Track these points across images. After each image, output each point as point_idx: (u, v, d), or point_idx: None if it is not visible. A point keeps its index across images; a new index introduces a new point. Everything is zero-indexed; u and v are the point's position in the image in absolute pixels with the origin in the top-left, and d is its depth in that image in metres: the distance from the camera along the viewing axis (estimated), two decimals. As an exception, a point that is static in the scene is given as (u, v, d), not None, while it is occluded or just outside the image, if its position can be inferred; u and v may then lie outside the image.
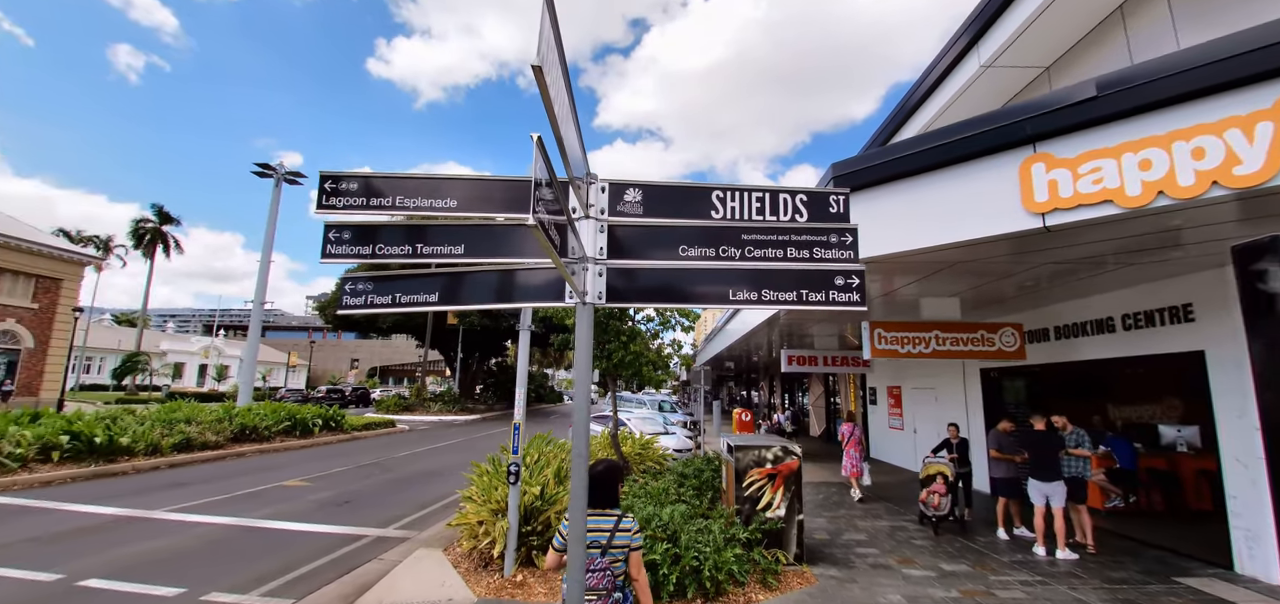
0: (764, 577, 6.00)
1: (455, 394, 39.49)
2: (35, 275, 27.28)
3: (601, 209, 2.50)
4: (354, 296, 2.64)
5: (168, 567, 6.28)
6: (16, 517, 8.07)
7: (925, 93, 11.66)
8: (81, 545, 6.90)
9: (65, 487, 10.12)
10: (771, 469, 6.83)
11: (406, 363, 70.89)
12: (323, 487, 11.02)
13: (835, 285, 2.45)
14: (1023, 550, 7.57)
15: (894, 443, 15.44)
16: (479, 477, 7.77)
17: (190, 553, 6.82)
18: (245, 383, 19.30)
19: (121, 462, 11.78)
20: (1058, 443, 7.61)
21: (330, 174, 2.42)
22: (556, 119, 1.58)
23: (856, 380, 18.85)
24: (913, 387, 14.44)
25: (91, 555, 6.52)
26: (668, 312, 11.91)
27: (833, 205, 2.52)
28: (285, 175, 20.70)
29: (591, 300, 2.41)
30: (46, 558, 6.37)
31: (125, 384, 42.13)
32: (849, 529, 8.51)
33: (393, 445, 18.23)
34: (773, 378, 33.66)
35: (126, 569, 6.12)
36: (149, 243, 46.33)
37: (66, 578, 5.83)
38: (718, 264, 2.52)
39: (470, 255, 2.52)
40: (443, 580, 5.97)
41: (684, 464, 9.50)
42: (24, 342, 26.79)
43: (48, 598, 5.39)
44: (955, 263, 7.26)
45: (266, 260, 20.58)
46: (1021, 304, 10.32)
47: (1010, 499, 8.30)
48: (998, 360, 9.58)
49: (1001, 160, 5.64)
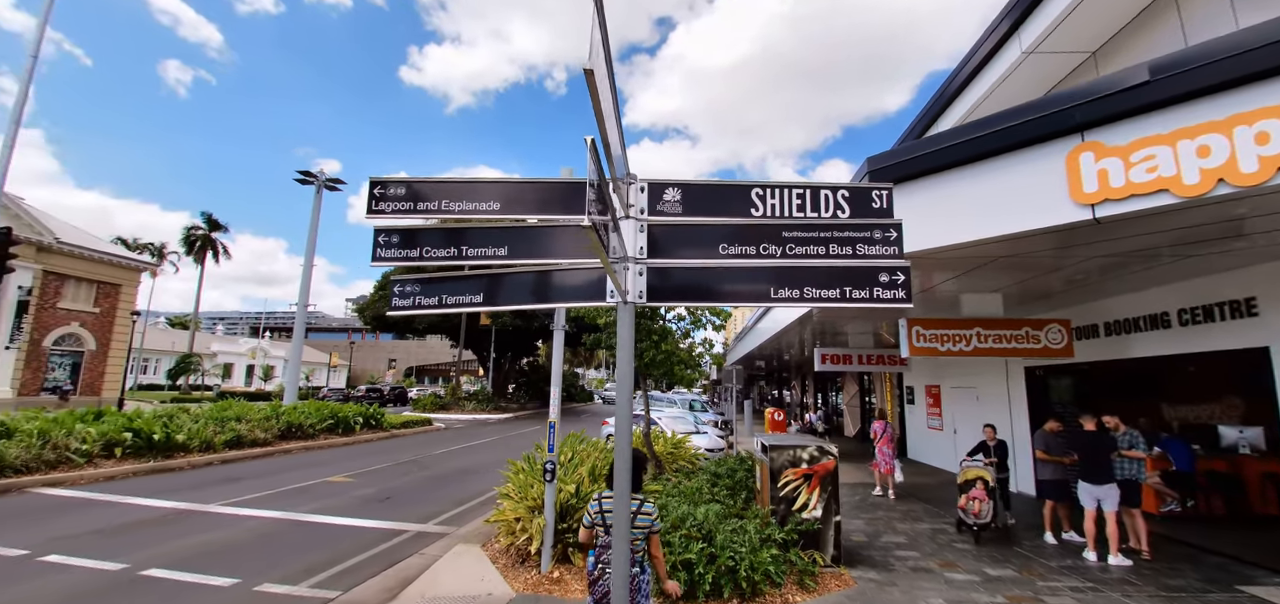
0: (801, 578, 5.93)
1: (489, 393, 40.18)
2: (97, 281, 28.87)
3: (641, 209, 2.53)
4: (402, 298, 2.73)
5: (223, 558, 6.58)
6: (83, 509, 8.56)
7: (963, 82, 11.34)
8: (143, 537, 7.27)
9: (127, 481, 10.68)
10: (807, 469, 6.75)
11: (441, 363, 72.48)
12: (365, 483, 11.37)
13: (879, 282, 2.42)
14: (1072, 555, 7.29)
15: (933, 443, 15.06)
16: (515, 474, 7.91)
17: (243, 545, 7.13)
18: (291, 383, 20.02)
19: (178, 458, 12.38)
20: (1109, 444, 7.30)
21: (379, 180, 2.51)
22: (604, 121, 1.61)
23: (892, 379, 18.45)
24: (952, 386, 14.06)
25: (152, 546, 6.87)
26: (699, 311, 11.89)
27: (876, 200, 2.49)
28: (326, 182, 21.39)
29: (632, 299, 2.44)
30: (111, 548, 6.74)
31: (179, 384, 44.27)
32: (887, 531, 8.34)
33: (430, 443, 18.67)
34: (805, 377, 33.21)
35: (185, 560, 6.43)
36: (199, 249, 48.54)
37: (130, 567, 6.17)
38: (758, 262, 2.51)
39: (513, 256, 2.58)
40: (482, 576, 6.09)
41: (716, 464, 9.46)
42: (87, 344, 28.37)
43: (114, 586, 5.71)
44: (998, 258, 7.05)
45: (309, 265, 21.31)
46: (1069, 299, 9.95)
47: (1058, 502, 8.01)
48: (1043, 358, 9.27)
49: (1047, 150, 5.46)
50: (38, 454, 10.34)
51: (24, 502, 8.86)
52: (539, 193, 2.61)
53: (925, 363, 15.10)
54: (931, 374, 15.09)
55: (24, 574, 5.89)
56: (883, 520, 8.99)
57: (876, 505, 10.12)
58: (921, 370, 15.61)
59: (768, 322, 17.49)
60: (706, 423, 19.79)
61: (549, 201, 2.59)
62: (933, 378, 15.03)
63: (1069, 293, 9.51)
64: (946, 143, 6.22)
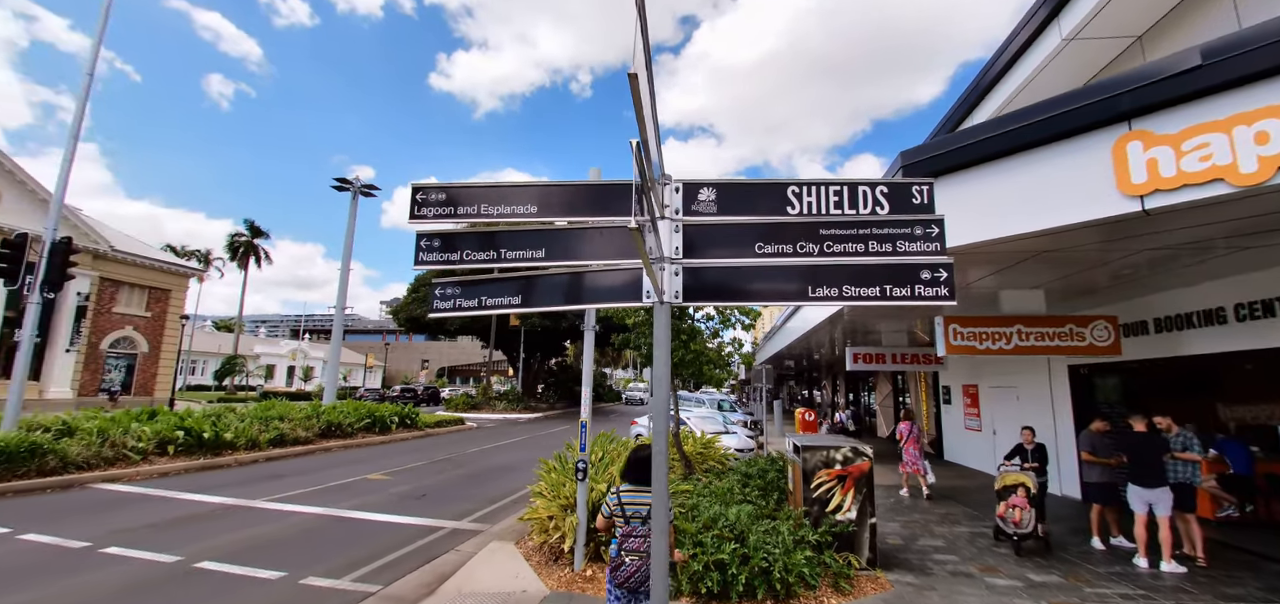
0: (836, 581, 5.85)
1: (518, 393, 40.71)
2: (148, 287, 30.27)
3: (676, 209, 2.54)
4: (443, 300, 2.80)
5: (269, 552, 6.84)
6: (139, 504, 9.00)
7: (999, 73, 11.01)
8: (195, 531, 7.61)
9: (179, 477, 11.18)
10: (841, 470, 6.66)
11: (472, 363, 73.73)
12: (401, 481, 11.66)
13: (921, 279, 2.38)
14: (1121, 562, 7.02)
15: (970, 445, 14.66)
16: (547, 473, 8.01)
17: (288, 540, 7.39)
18: (330, 383, 20.64)
19: (225, 455, 12.91)
20: (1161, 446, 7.00)
21: (420, 186, 2.58)
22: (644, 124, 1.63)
23: (927, 379, 18.03)
24: (991, 385, 13.66)
25: (203, 540, 7.19)
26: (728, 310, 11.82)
27: (916, 196, 2.45)
28: (361, 188, 21.99)
29: (668, 300, 2.45)
30: (166, 541, 7.07)
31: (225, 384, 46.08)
32: (924, 535, 8.17)
33: (463, 442, 19.02)
34: (836, 377, 32.69)
35: (235, 553, 6.71)
36: (242, 255, 50.45)
37: (184, 560, 6.46)
38: (795, 260, 2.50)
39: (550, 258, 2.62)
40: (516, 573, 6.19)
41: (747, 464, 9.40)
42: (140, 347, 29.77)
43: (169, 578, 5.99)
44: (1040, 253, 6.83)
45: (346, 269, 21.94)
46: (1115, 295, 9.57)
47: (1106, 506, 7.71)
48: (1088, 356, 8.94)
49: (1092, 140, 5.26)
50: (98, 451, 10.90)
51: (85, 496, 9.36)
52: (575, 195, 2.65)
53: (962, 361, 14.71)
54: (969, 373, 14.69)
55: (88, 565, 6.23)
56: (919, 523, 8.80)
57: (913, 508, 9.91)
58: (958, 369, 15.21)
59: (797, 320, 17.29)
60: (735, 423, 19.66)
61: (584, 203, 2.63)
62: (970, 377, 14.64)
63: (1115, 288, 9.15)
64: (984, 135, 6.05)
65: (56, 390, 25.77)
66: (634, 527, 3.40)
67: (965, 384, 14.91)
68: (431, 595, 5.67)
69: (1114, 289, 9.18)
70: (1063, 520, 8.85)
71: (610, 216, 2.64)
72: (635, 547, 3.35)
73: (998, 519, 7.57)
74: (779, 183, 2.59)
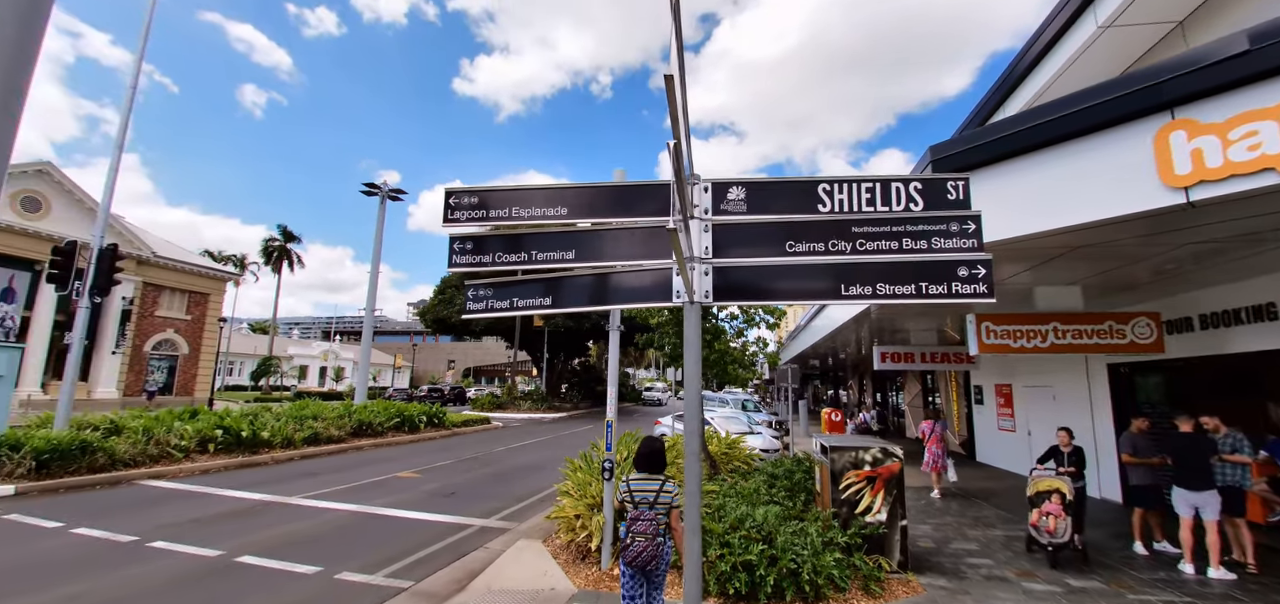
0: (866, 584, 5.77)
1: (542, 393, 41.07)
2: (188, 291, 31.38)
3: (705, 209, 2.54)
4: (476, 301, 2.86)
5: (306, 547, 7.03)
6: (182, 500, 9.34)
7: (1031, 63, 10.71)
8: (235, 526, 7.87)
9: (219, 474, 11.57)
10: (870, 471, 6.56)
11: (496, 363, 74.63)
12: (430, 479, 11.87)
13: (958, 276, 2.33)
14: (1166, 567, 6.77)
15: (1004, 446, 14.29)
16: (573, 472, 8.06)
17: (323, 536, 7.59)
18: (360, 384, 21.11)
19: (262, 453, 13.31)
20: (1209, 447, 6.73)
21: (453, 190, 2.64)
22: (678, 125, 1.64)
23: (958, 378, 17.63)
24: (1025, 384, 13.30)
25: (244, 535, 7.42)
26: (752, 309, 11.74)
27: (951, 192, 2.40)
28: (388, 193, 22.44)
29: (698, 299, 2.46)
30: (208, 536, 7.33)
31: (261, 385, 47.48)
32: (957, 537, 8.00)
33: (489, 441, 19.27)
34: (862, 376, 32.19)
35: (273, 548, 6.92)
36: (276, 259, 51.94)
37: (226, 554, 6.69)
38: (827, 259, 2.47)
39: (580, 259, 2.65)
40: (544, 570, 6.25)
41: (773, 464, 9.33)
42: (180, 349, 30.88)
43: (212, 571, 6.21)
44: (1077, 248, 6.63)
45: (375, 272, 22.41)
46: (1157, 290, 9.23)
47: (1149, 510, 7.44)
48: (1129, 354, 8.65)
49: (1131, 130, 5.09)
50: (143, 449, 11.34)
51: (133, 493, 9.75)
52: (603, 197, 2.67)
53: (995, 360, 14.35)
54: (1002, 372, 14.33)
55: (137, 558, 6.49)
56: (952, 526, 8.63)
57: (944, 510, 9.72)
58: (991, 368, 14.84)
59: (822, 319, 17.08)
60: (760, 423, 19.52)
61: (613, 205, 2.65)
62: (1003, 376, 14.27)
63: (1157, 283, 8.82)
64: (1017, 127, 5.90)
65: (103, 391, 26.89)
66: (641, 511, 3.68)
67: (998, 383, 14.54)
68: (462, 592, 5.76)
69: (1156, 284, 8.85)
70: (1103, 524, 8.57)
71: (639, 217, 2.65)
72: (642, 529, 3.62)
73: (1030, 528, 7.15)
74: (809, 180, 2.57)
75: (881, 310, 11.48)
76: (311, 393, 44.13)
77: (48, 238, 23.75)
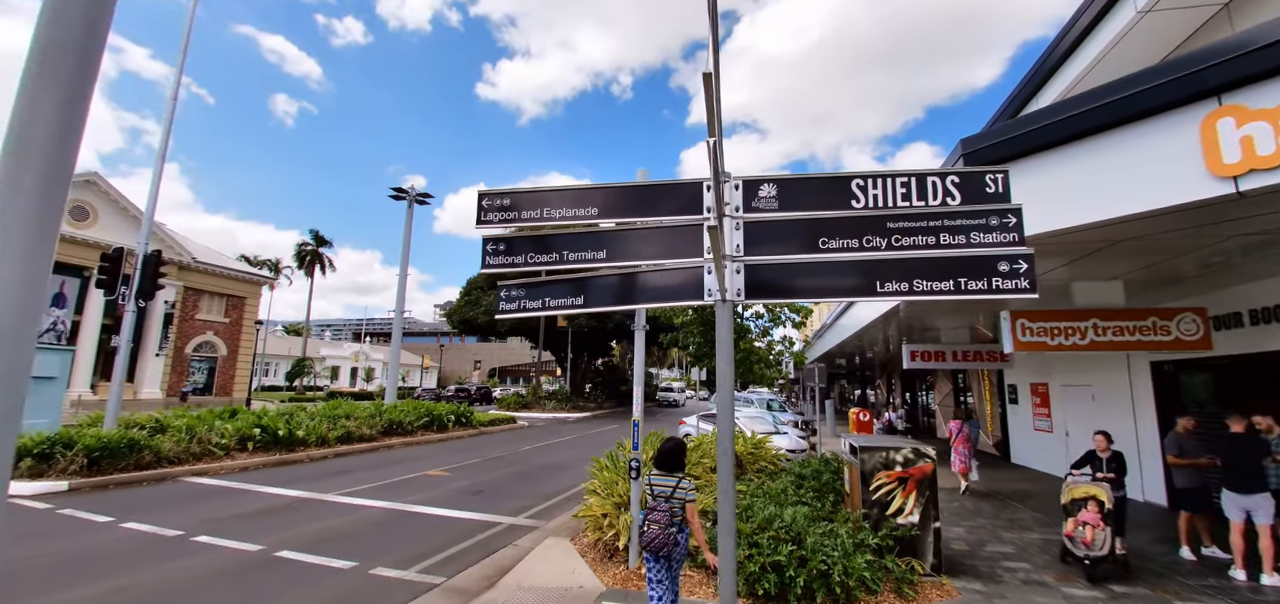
0: (898, 586, 5.67)
1: (567, 392, 41.37)
2: (227, 295, 32.45)
3: (736, 207, 2.54)
4: (508, 302, 2.90)
5: (341, 543, 7.21)
6: (224, 497, 9.66)
7: (1066, 51, 10.41)
8: (273, 522, 8.11)
9: (257, 472, 11.94)
10: (902, 472, 6.45)
11: (521, 363, 75.47)
12: (459, 477, 12.06)
13: (999, 272, 2.28)
14: (1215, 573, 6.50)
15: (1040, 446, 13.89)
16: (599, 471, 8.11)
17: (358, 532, 7.78)
18: (391, 384, 21.56)
19: (298, 451, 13.69)
20: (1261, 448, 6.44)
21: (486, 192, 2.68)
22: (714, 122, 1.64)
23: (991, 377, 17.19)
24: (1063, 383, 12.90)
25: (282, 531, 7.65)
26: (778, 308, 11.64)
27: (990, 185, 2.34)
28: (416, 197, 22.87)
29: (731, 298, 2.45)
30: (249, 532, 7.57)
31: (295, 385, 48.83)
32: (992, 540, 7.81)
33: (515, 440, 19.49)
34: (890, 376, 31.61)
35: (310, 544, 7.11)
36: (309, 263, 53.38)
37: (266, 549, 6.90)
38: (862, 255, 2.44)
39: (611, 258, 2.66)
40: (572, 569, 6.30)
41: (800, 465, 9.24)
42: (219, 350, 31.94)
43: (253, 565, 6.41)
44: (1117, 242, 6.42)
45: (403, 273, 22.85)
46: (1203, 284, 8.87)
47: (1196, 513, 7.15)
48: (1174, 352, 8.31)
49: (1175, 119, 4.91)
50: (186, 447, 11.77)
51: (177, 489, 10.13)
52: (633, 196, 2.68)
53: (1031, 359, 13.95)
54: (1038, 371, 13.92)
55: (183, 552, 6.74)
56: (987, 528, 8.42)
57: (978, 512, 9.49)
58: (1026, 367, 14.44)
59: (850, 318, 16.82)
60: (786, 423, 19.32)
61: (641, 204, 2.66)
62: (1039, 375, 13.87)
63: (1204, 277, 8.48)
64: (1051, 119, 5.73)
65: (148, 391, 27.98)
66: (658, 503, 4.13)
67: (1033, 382, 14.14)
68: (492, 588, 5.84)
69: (1203, 278, 8.50)
70: (1147, 528, 8.28)
71: (668, 216, 2.66)
72: (656, 519, 4.08)
73: (1065, 538, 6.63)
74: (842, 176, 2.54)
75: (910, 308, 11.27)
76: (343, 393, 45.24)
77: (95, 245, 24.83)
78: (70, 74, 1.50)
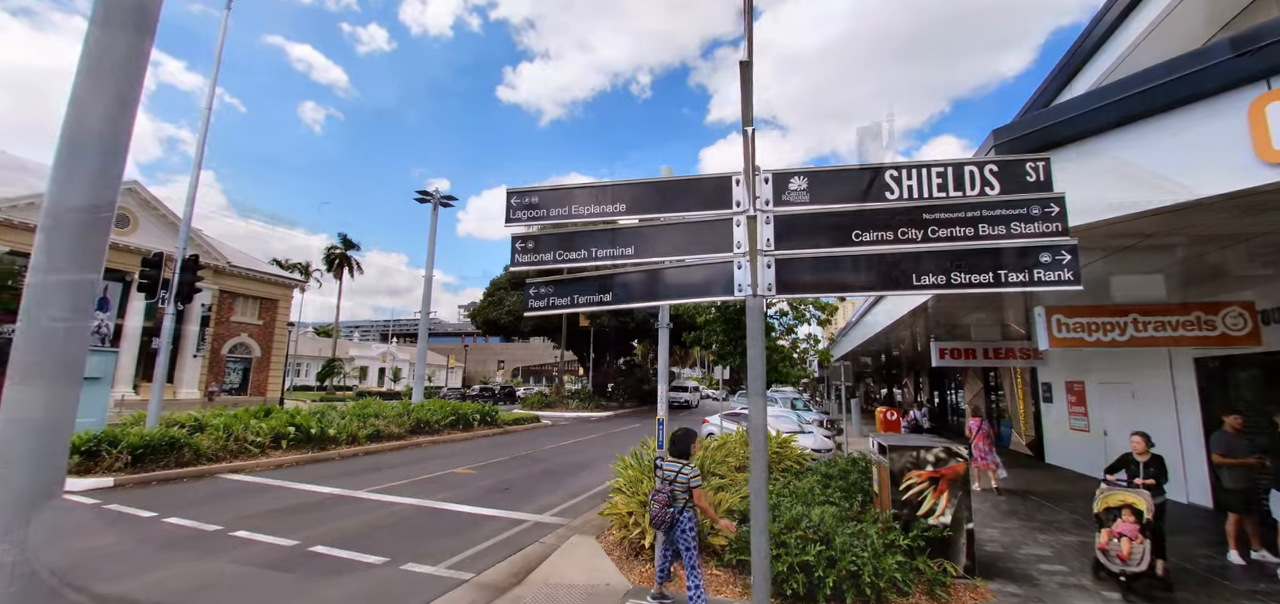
0: (930, 588, 5.56)
1: (589, 392, 41.53)
2: (260, 298, 33.38)
3: (766, 200, 2.51)
4: (537, 299, 2.92)
5: (373, 538, 7.36)
6: (259, 493, 9.94)
7: (1101, 37, 10.08)
8: (307, 518, 8.31)
9: (291, 469, 12.25)
10: (933, 471, 6.32)
11: (543, 363, 76.05)
12: (485, 475, 12.20)
13: (1041, 263, 2.21)
14: (1266, 578, 6.23)
15: (1076, 447, 13.47)
16: (624, 470, 8.12)
17: (388, 527, 7.93)
18: (417, 384, 21.93)
19: (330, 449, 14.02)
20: (1316, 447, 6.15)
21: (515, 190, 2.70)
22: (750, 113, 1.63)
23: (1024, 375, 16.74)
24: (1100, 381, 12.49)
25: (316, 527, 7.83)
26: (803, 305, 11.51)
27: (1031, 173, 2.27)
28: (440, 199, 23.21)
29: (761, 293, 2.42)
30: (284, 527, 7.77)
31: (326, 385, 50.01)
32: (1028, 542, 7.60)
33: (539, 439, 19.64)
34: (918, 374, 31.02)
35: (343, 539, 7.27)
36: (337, 266, 54.60)
37: (301, 544, 7.07)
38: (897, 248, 2.39)
39: (639, 255, 2.66)
40: (598, 567, 6.32)
41: (827, 464, 9.12)
42: (253, 352, 32.87)
43: (290, 557, 6.59)
44: (1159, 232, 6.18)
45: (429, 275, 23.22)
46: (1253, 276, 8.49)
47: (1245, 515, 6.86)
48: (1220, 347, 7.99)
49: (1220, 104, 4.70)
50: (224, 445, 12.15)
51: (215, 486, 10.45)
52: (660, 191, 2.67)
53: (1065, 356, 13.53)
54: (1073, 368, 13.51)
55: (223, 546, 6.96)
56: (1021, 530, 8.21)
57: (1012, 513, 9.25)
58: (1061, 365, 14.02)
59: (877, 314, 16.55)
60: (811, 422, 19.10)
61: (670, 199, 2.64)
62: (1075, 373, 13.45)
63: (1253, 269, 8.11)
64: (1087, 107, 5.55)
65: (186, 391, 28.94)
66: (661, 484, 4.71)
67: (1069, 380, 13.72)
68: (520, 585, 5.89)
69: (1251, 270, 8.15)
70: (1191, 530, 7.97)
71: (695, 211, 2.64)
72: (659, 499, 4.62)
73: (1098, 552, 6.12)
74: (876, 167, 2.48)
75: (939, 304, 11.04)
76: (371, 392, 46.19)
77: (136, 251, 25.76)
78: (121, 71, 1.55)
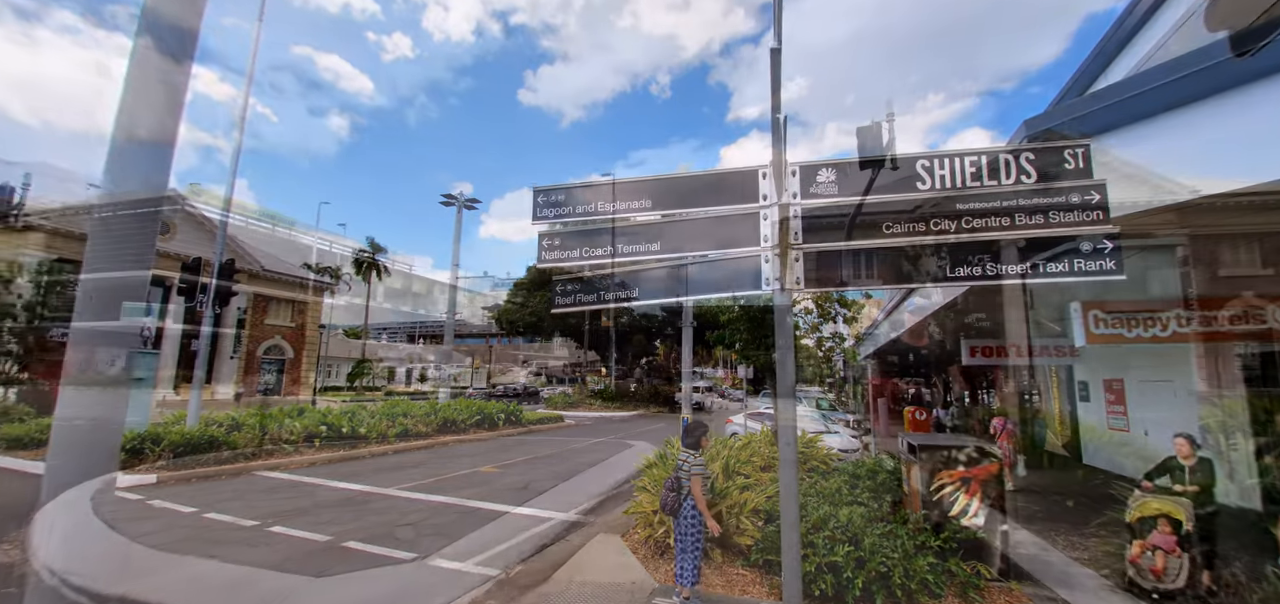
0: (963, 590, 5.43)
1: (612, 391, 41.72)
2: (292, 301, 34.32)
3: (794, 193, 2.48)
4: (563, 296, 2.94)
5: (402, 534, 7.50)
6: (293, 490, 10.21)
7: (1139, 20, 9.74)
8: (339, 514, 8.51)
9: (323, 466, 12.56)
10: (965, 472, 6.17)
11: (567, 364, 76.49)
12: (510, 473, 12.34)
13: (1081, 253, 2.14)
14: (1324, 584, 5.91)
15: (1115, 447, 13.01)
16: (648, 469, 8.12)
17: (417, 524, 8.07)
18: (445, 384, 22.28)
19: (360, 448, 14.35)
20: (1378, 448, 5.82)
21: (541, 189, 2.72)
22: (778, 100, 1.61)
23: (1058, 373, 16.24)
24: (1140, 379, 12.04)
25: (348, 523, 8.02)
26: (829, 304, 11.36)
27: (1069, 161, 2.19)
28: (464, 202, 23.55)
29: (789, 287, 2.40)
30: (317, 523, 7.97)
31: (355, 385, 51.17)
32: (1064, 545, 7.38)
33: (563, 438, 19.78)
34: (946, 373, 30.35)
35: (374, 535, 7.43)
36: (366, 270, 55.82)
37: (333, 540, 7.25)
38: (929, 239, 2.33)
39: (665, 250, 2.66)
40: (624, 565, 6.34)
41: (855, 464, 8.99)
42: (287, 353, 33.81)
43: (324, 551, 6.76)
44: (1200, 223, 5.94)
45: (455, 277, 23.57)
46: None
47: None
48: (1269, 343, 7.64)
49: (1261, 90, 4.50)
50: (259, 444, 12.53)
51: (251, 482, 10.77)
52: (687, 187, 2.66)
53: (1103, 353, 13.08)
54: (1112, 366, 13.05)
55: (259, 540, 7.17)
56: (1057, 532, 7.96)
57: (1046, 515, 8.98)
58: (1098, 362, 13.56)
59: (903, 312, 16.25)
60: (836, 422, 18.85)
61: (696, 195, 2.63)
62: (1113, 370, 12.99)
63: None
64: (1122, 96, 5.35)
65: (223, 392, 29.90)
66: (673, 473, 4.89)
67: (1107, 378, 13.26)
68: (546, 582, 5.94)
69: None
70: (1236, 534, 7.62)
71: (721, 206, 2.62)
72: (668, 485, 4.86)
73: (1129, 564, 5.65)
74: (907, 158, 2.43)
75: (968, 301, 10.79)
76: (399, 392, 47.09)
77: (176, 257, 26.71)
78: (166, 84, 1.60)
